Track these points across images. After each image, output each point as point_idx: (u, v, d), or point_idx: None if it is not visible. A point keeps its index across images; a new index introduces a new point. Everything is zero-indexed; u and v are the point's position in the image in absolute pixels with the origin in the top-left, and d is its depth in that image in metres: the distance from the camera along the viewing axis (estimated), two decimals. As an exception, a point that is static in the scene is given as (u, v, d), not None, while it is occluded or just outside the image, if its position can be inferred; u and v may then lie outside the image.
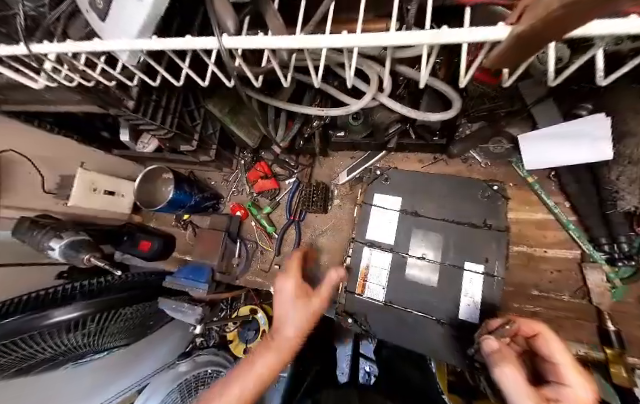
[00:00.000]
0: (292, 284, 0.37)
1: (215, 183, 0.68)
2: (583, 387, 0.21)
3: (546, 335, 0.24)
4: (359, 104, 0.35)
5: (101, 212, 0.59)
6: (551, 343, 0.24)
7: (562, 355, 0.23)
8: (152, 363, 1.01)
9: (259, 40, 0.21)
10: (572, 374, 0.22)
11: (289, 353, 0.35)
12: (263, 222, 0.60)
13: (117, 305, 0.58)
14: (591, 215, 0.41)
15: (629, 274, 0.41)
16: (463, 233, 0.41)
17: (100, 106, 0.34)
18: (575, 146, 0.38)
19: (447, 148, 0.47)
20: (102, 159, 0.61)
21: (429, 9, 0.17)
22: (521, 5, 0.14)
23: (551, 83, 0.22)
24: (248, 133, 0.52)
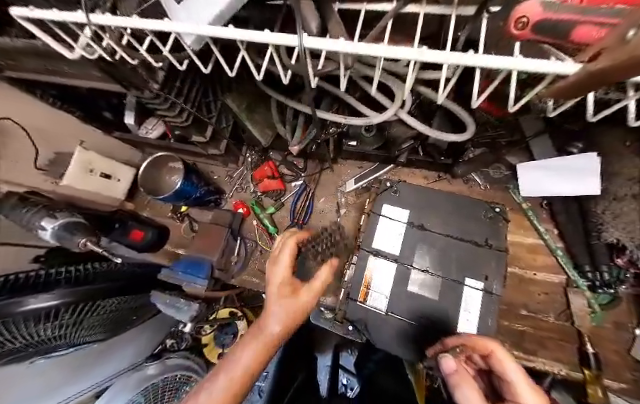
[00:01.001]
0: (278, 280, 0.35)
1: (218, 178, 0.67)
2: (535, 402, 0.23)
3: (499, 354, 0.25)
4: (382, 117, 0.36)
5: (94, 195, 0.55)
6: (504, 362, 0.24)
7: (515, 373, 0.24)
8: (115, 364, 0.92)
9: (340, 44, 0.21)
10: (525, 392, 0.23)
11: (275, 348, 0.34)
12: (266, 222, 0.59)
13: (100, 296, 0.54)
14: (577, 244, 0.45)
15: (607, 301, 0.45)
16: (466, 250, 0.43)
17: (123, 85, 0.33)
18: (567, 179, 0.42)
19: (452, 168, 0.50)
20: (101, 140, 0.58)
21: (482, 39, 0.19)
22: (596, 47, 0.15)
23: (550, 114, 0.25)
24: (262, 131, 0.52)
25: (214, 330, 1.30)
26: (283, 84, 0.28)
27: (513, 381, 0.23)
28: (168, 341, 1.28)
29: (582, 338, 0.44)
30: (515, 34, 0.18)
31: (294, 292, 0.35)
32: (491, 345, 0.26)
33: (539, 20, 0.17)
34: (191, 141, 0.51)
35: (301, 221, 0.58)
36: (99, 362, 0.87)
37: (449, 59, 0.21)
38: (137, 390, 0.87)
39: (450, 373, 0.26)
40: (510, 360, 0.25)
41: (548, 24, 0.17)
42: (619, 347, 0.44)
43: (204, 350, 1.28)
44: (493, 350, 0.25)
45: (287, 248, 0.36)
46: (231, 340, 1.30)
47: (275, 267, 0.36)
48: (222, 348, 1.27)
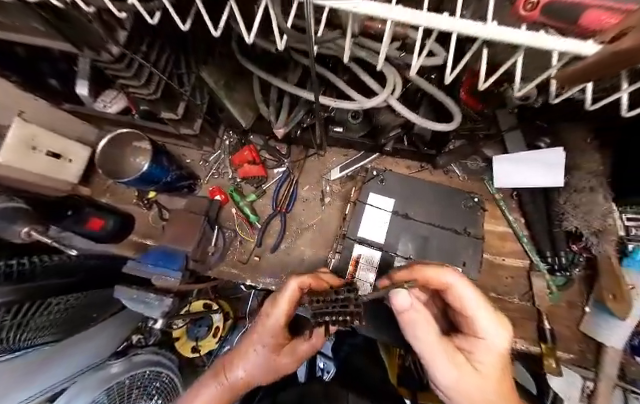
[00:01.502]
0: (269, 325, 0.30)
1: (191, 162, 0.61)
2: (497, 336, 0.20)
3: (458, 289, 0.21)
4: (374, 101, 0.35)
5: (39, 177, 0.47)
6: (463, 298, 0.21)
7: (476, 309, 0.21)
8: (72, 365, 0.82)
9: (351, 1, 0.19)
10: (487, 326, 0.20)
11: (234, 394, 0.30)
12: (246, 210, 0.56)
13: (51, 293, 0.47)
14: (541, 231, 0.49)
15: (563, 283, 0.50)
16: (446, 238, 0.45)
17: (75, 44, 0.27)
18: (536, 172, 0.45)
19: (434, 159, 0.52)
20: (47, 112, 0.49)
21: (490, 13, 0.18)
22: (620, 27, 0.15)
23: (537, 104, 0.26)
24: (242, 112, 0.48)
25: (186, 324, 1.23)
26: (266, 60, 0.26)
27: (473, 317, 0.21)
28: (134, 337, 1.19)
29: (541, 316, 0.49)
30: (523, 15, 0.18)
31: (276, 348, 0.30)
32: (449, 278, 0.22)
33: (549, 1, 0.17)
34: (160, 118, 0.45)
35: (284, 209, 0.56)
36: (52, 364, 0.77)
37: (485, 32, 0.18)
38: (99, 390, 0.79)
39: (402, 310, 0.22)
40: (470, 294, 0.21)
41: (559, 6, 0.17)
42: (570, 323, 0.50)
43: (176, 344, 1.21)
44: (451, 284, 0.21)
45: (287, 290, 0.30)
46: (205, 332, 1.24)
47: (271, 308, 0.30)
48: (195, 341, 1.21)
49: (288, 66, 0.42)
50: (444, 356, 0.21)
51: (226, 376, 0.30)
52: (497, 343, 0.20)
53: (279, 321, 0.29)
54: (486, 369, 0.20)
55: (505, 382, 0.21)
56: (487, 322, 0.21)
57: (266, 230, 0.57)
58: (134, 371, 0.89)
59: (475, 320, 0.21)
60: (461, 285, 0.21)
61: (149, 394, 0.93)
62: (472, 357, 0.21)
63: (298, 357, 0.30)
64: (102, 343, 0.97)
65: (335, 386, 0.58)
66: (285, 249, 0.57)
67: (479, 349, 0.20)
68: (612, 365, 0.47)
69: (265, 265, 0.56)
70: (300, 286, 0.30)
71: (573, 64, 0.18)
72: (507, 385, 0.21)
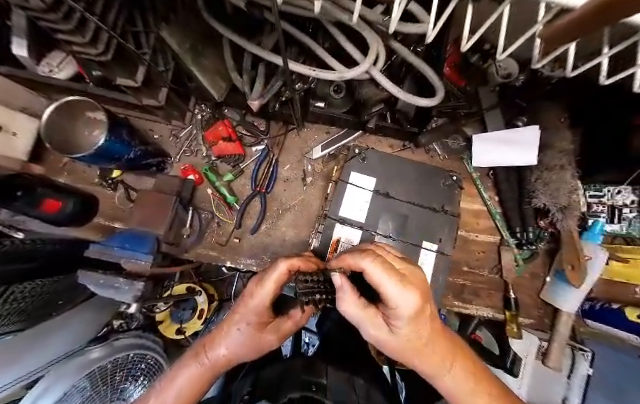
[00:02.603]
0: (252, 302, 0.30)
1: (160, 137, 0.56)
2: (402, 304, 0.24)
3: (369, 271, 0.25)
4: (355, 71, 0.33)
5: (-25, 153, 0.41)
6: (373, 277, 0.25)
7: (383, 285, 0.24)
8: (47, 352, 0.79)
9: None
10: (393, 297, 0.24)
11: (215, 375, 0.31)
12: (223, 190, 0.53)
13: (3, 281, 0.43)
14: (512, 208, 0.51)
15: (528, 256, 0.53)
16: (424, 215, 0.46)
17: None
18: (512, 150, 0.46)
19: (416, 137, 0.51)
20: (-24, 75, 0.42)
21: None
22: None
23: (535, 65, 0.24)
24: (213, 82, 0.44)
25: (169, 307, 1.21)
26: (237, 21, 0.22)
27: (383, 292, 0.25)
28: (115, 322, 1.16)
29: (507, 287, 0.53)
30: None
31: (260, 326, 0.31)
32: (362, 264, 0.26)
33: None
34: (118, 87, 0.40)
35: (263, 189, 0.54)
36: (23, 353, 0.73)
37: None
38: (79, 375, 0.77)
39: (337, 288, 0.27)
40: (379, 273, 0.25)
41: None
42: (532, 292, 0.55)
43: (159, 327, 1.20)
44: (364, 268, 0.26)
45: (276, 271, 0.30)
46: (190, 315, 1.24)
47: (256, 288, 0.31)
48: (180, 323, 1.20)
49: (263, 29, 0.38)
50: (367, 321, 0.26)
51: (207, 355, 0.30)
52: (403, 310, 0.25)
53: (264, 301, 0.30)
54: (399, 331, 0.25)
55: (419, 339, 0.25)
56: (393, 295, 0.25)
57: (245, 211, 0.55)
58: (116, 355, 0.87)
59: (384, 294, 0.25)
60: (371, 268, 0.25)
61: (134, 376, 0.92)
62: (389, 322, 0.26)
63: (282, 334, 0.32)
64: (79, 329, 0.93)
65: (315, 360, 0.60)
66: (266, 230, 0.55)
67: (392, 316, 0.25)
68: (565, 327, 0.52)
69: (246, 246, 0.55)
70: (289, 269, 0.31)
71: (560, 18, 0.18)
72: (422, 341, 0.26)
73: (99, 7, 0.29)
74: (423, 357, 0.26)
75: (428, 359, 0.26)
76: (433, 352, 0.26)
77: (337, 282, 0.28)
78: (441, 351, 0.26)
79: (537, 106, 0.47)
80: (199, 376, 0.30)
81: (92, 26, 0.29)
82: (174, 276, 1.15)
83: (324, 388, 0.41)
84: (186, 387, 0.29)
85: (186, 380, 0.30)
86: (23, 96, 0.50)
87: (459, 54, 0.49)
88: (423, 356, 0.26)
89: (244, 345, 0.30)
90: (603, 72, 0.20)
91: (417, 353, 0.26)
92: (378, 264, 0.25)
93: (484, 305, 0.55)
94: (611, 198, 0.49)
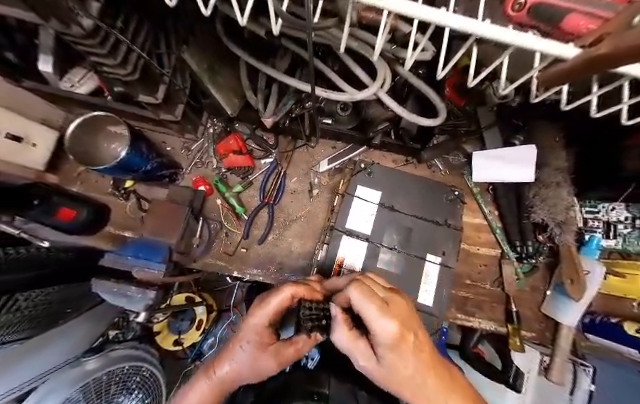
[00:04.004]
0: (253, 321, 0.31)
1: (172, 149, 0.58)
2: (382, 333, 0.25)
3: (353, 300, 0.27)
4: (364, 94, 0.35)
5: (-2, 162, 0.43)
6: (356, 304, 0.26)
7: (367, 312, 0.26)
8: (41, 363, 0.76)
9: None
10: (373, 321, 0.25)
11: (224, 390, 0.31)
12: (232, 201, 0.55)
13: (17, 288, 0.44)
14: (512, 223, 0.53)
15: (528, 270, 0.55)
16: (428, 229, 0.47)
17: (39, 13, 0.24)
18: (510, 167, 0.49)
19: (419, 153, 0.53)
20: (5, 91, 0.44)
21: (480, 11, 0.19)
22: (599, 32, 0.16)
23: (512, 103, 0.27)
24: (227, 98, 0.46)
25: (167, 317, 1.20)
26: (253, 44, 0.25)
27: (364, 318, 0.26)
28: (111, 332, 1.13)
29: (509, 300, 0.54)
30: (511, 15, 0.19)
31: (261, 346, 0.31)
32: (347, 291, 0.27)
33: (536, 3, 0.18)
34: (136, 102, 0.42)
35: (271, 201, 0.56)
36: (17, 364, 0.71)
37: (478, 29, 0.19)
38: (74, 388, 0.75)
39: (333, 318, 0.29)
40: (359, 301, 0.26)
41: (543, 8, 0.18)
42: (533, 305, 0.56)
43: (157, 338, 1.17)
44: (349, 296, 0.27)
45: (279, 295, 0.31)
46: (188, 326, 1.22)
47: (257, 307, 0.31)
48: (178, 334, 1.19)
49: (277, 52, 0.41)
50: (356, 352, 0.27)
51: (215, 372, 0.31)
52: (382, 337, 0.25)
53: (262, 320, 0.31)
54: (383, 359, 0.26)
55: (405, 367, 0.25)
56: (372, 320, 0.25)
57: (253, 221, 0.56)
58: (112, 367, 0.86)
59: (366, 321, 0.26)
60: (355, 295, 0.27)
61: (129, 389, 0.90)
62: (375, 350, 0.26)
63: (282, 359, 0.31)
64: (74, 340, 0.91)
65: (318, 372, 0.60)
66: (273, 241, 0.57)
67: (374, 343, 0.26)
68: (566, 341, 0.53)
69: (253, 256, 0.56)
70: (293, 295, 0.31)
71: (554, 66, 0.20)
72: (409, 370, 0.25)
73: (130, 31, 0.32)
74: (415, 389, 0.25)
75: (420, 391, 0.25)
76: (424, 384, 0.25)
77: (332, 312, 0.29)
78: (434, 385, 0.26)
79: (533, 126, 0.50)
80: (209, 392, 0.31)
81: (123, 49, 0.31)
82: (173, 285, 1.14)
83: (326, 398, 0.41)
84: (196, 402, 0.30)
85: (197, 395, 0.31)
86: (43, 109, 0.52)
87: (459, 76, 0.52)
88: (414, 388, 0.25)
89: (245, 365, 0.31)
90: (593, 106, 0.22)
91: (405, 384, 0.25)
92: (361, 291, 0.26)
93: (487, 318, 0.56)
94: (606, 214, 0.51)
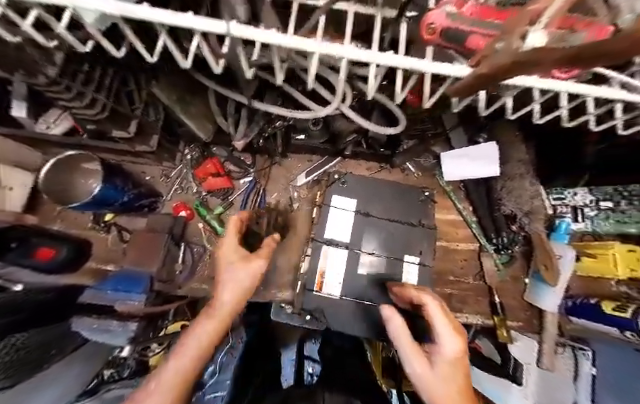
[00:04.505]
0: (226, 249, 0.37)
1: (152, 179, 0.59)
2: (450, 345, 0.27)
3: (429, 308, 0.29)
4: (325, 111, 0.37)
5: (-28, 209, 0.43)
6: (432, 316, 0.29)
7: (440, 325, 0.28)
8: None
9: (273, 36, 0.21)
10: (446, 339, 0.27)
11: (228, 317, 0.35)
12: (213, 223, 0.55)
13: (-5, 335, 0.43)
14: (485, 216, 0.55)
15: (507, 260, 0.57)
16: (404, 231, 0.49)
17: (4, 68, 0.26)
18: (476, 164, 0.51)
19: (390, 159, 0.56)
20: (-23, 138, 0.45)
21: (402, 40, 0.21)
22: (479, 55, 0.19)
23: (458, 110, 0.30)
24: (201, 125, 0.48)
25: (164, 348, 1.16)
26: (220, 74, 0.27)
27: (437, 331, 0.28)
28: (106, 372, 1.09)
29: (492, 292, 0.55)
30: (426, 39, 0.21)
31: (243, 258, 0.37)
32: (424, 299, 0.30)
33: (444, 27, 0.20)
34: (111, 137, 0.43)
35: (252, 219, 0.57)
36: None
37: (373, 58, 0.23)
38: None
39: (386, 319, 0.32)
40: (436, 313, 0.29)
41: (451, 32, 0.20)
42: (516, 294, 0.57)
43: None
44: (425, 303, 0.30)
45: (230, 224, 0.39)
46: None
47: (220, 243, 0.38)
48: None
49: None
50: (412, 356, 0.29)
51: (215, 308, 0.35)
52: (449, 350, 0.27)
53: (231, 242, 0.38)
54: (439, 368, 0.27)
55: (454, 382, 0.27)
56: (444, 333, 0.28)
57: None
58: (108, 408, 0.82)
59: (435, 330, 0.28)
60: (432, 305, 0.30)
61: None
62: (431, 358, 0.28)
63: (264, 255, 0.39)
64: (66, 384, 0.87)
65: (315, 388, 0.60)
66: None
67: (436, 352, 0.28)
68: (552, 326, 0.54)
69: (237, 276, 0.56)
70: (240, 218, 0.40)
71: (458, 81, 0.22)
72: (456, 386, 0.27)
73: (96, 75, 0.33)
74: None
75: None
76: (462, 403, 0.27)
77: (386, 313, 0.32)
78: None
79: (494, 123, 0.53)
80: (213, 326, 0.34)
81: (90, 92, 0.33)
82: (168, 315, 1.12)
83: None
84: (204, 335, 0.33)
85: (203, 331, 0.34)
86: (19, 151, 0.53)
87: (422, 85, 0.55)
88: None
89: (240, 277, 0.36)
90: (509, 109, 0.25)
91: (449, 398, 0.27)
92: (437, 303, 0.30)
93: (473, 312, 0.57)
94: (572, 199, 0.53)
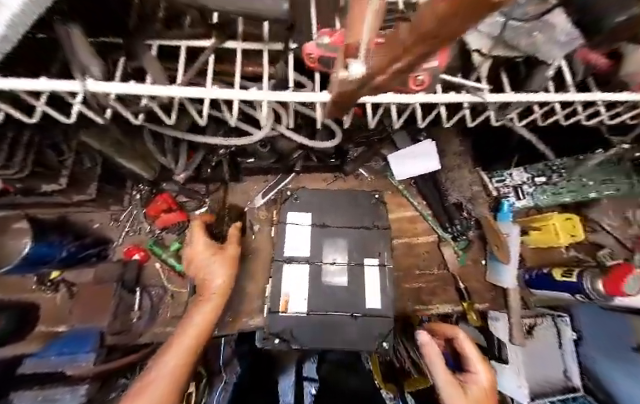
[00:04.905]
0: (200, 246, 0.41)
1: (100, 225, 0.56)
2: (485, 374, 0.30)
3: (461, 338, 0.33)
4: (259, 135, 0.38)
5: None
6: (464, 344, 0.33)
7: (471, 352, 0.32)
8: None
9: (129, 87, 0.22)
10: (479, 365, 0.31)
11: (222, 298, 0.39)
12: (171, 261, 0.53)
13: None
14: (437, 208, 0.58)
15: (465, 245, 0.59)
16: (360, 236, 0.50)
17: None
18: (420, 161, 0.54)
19: (342, 168, 0.57)
20: None
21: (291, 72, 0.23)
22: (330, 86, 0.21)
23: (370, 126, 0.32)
24: (143, 164, 0.47)
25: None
26: None
27: (471, 357, 0.31)
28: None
29: (456, 279, 0.57)
30: (310, 66, 0.23)
31: (219, 250, 0.41)
32: (456, 331, 0.35)
33: (319, 56, 0.22)
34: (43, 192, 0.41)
35: (212, 249, 0.55)
36: None
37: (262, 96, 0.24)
38: None
39: (423, 344, 0.35)
40: (469, 342, 0.33)
41: (324, 59, 0.22)
42: (479, 277, 0.59)
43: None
44: (457, 335, 0.34)
45: (195, 227, 0.43)
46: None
47: (192, 243, 0.42)
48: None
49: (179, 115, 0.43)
50: (448, 383, 0.31)
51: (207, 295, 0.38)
52: (483, 379, 0.30)
53: (202, 240, 0.41)
54: (472, 394, 0.30)
55: None
56: (480, 363, 0.31)
57: (198, 275, 0.55)
58: None
59: (471, 360, 0.31)
60: (463, 335, 0.34)
61: None
62: (465, 386, 0.30)
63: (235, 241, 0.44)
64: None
65: None
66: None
67: (471, 380, 0.30)
68: (515, 302, 0.56)
69: (202, 311, 0.54)
70: (203, 221, 0.45)
71: None
72: None
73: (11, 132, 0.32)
74: None
75: None
76: None
77: (423, 339, 0.35)
78: None
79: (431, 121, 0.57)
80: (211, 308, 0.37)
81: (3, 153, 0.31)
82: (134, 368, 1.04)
83: None
84: (200, 320, 0.36)
85: (199, 316, 0.36)
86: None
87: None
88: None
89: (225, 264, 0.40)
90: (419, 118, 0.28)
91: None
92: (467, 336, 0.33)
93: (443, 302, 0.58)
94: (511, 180, 0.58)
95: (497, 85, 0.29)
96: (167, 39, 0.25)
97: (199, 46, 0.25)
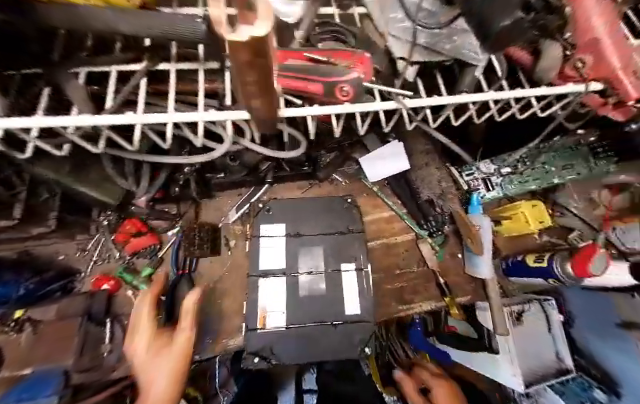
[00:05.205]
0: (143, 343, 0.33)
1: (66, 257, 0.54)
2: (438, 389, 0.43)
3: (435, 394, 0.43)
4: (220, 150, 0.38)
5: None
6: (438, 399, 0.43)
7: None
8: None
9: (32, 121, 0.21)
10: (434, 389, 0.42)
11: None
12: (143, 287, 0.51)
13: None
14: (412, 206, 0.58)
15: (442, 241, 0.60)
16: (335, 241, 0.50)
17: None
18: (390, 162, 0.55)
19: (315, 175, 0.57)
20: None
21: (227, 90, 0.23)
22: None
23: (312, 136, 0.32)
24: (104, 191, 0.45)
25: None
26: None
27: None
28: None
29: (436, 275, 0.58)
30: None
31: (166, 344, 0.34)
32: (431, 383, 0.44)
33: None
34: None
35: (187, 271, 0.53)
36: None
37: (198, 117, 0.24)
38: None
39: (399, 379, 0.46)
40: None
41: None
42: (458, 271, 0.60)
43: None
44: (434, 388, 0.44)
45: (141, 309, 0.35)
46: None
47: (135, 333, 0.34)
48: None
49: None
50: None
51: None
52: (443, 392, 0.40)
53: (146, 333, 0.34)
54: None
55: None
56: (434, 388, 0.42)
57: (175, 299, 0.53)
58: None
59: None
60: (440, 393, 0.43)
61: None
62: None
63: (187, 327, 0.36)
64: None
65: None
66: (202, 309, 0.54)
67: None
68: (494, 292, 0.57)
69: (180, 336, 0.52)
70: (153, 294, 0.37)
71: None
72: None
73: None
74: None
75: None
76: None
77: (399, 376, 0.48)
78: None
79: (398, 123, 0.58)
80: None
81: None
82: None
83: None
84: None
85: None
86: None
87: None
88: None
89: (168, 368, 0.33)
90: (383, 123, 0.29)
91: None
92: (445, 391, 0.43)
93: (425, 299, 0.58)
94: (480, 172, 0.59)
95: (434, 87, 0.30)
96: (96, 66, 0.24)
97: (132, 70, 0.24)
